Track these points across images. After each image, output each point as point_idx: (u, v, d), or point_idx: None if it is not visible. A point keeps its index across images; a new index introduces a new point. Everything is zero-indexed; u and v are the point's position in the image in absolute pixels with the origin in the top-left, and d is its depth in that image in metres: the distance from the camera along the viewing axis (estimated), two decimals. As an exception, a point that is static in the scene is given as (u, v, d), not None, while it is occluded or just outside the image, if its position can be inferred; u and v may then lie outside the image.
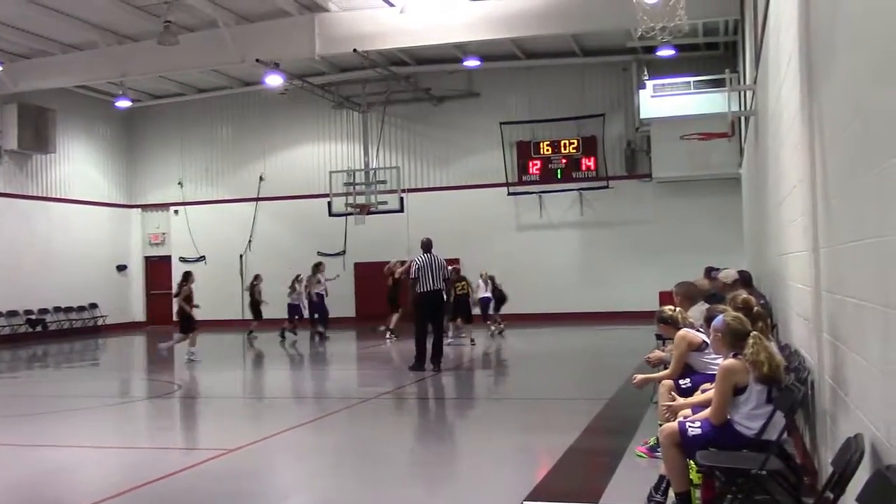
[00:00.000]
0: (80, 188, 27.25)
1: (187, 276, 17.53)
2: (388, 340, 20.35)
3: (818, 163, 4.85)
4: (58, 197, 26.31)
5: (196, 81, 27.18)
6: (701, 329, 6.80)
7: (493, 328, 21.10)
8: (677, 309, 7.36)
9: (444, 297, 14.72)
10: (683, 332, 6.93)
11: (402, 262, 20.94)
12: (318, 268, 21.70)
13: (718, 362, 5.68)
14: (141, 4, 19.74)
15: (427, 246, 14.48)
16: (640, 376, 7.33)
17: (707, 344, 6.42)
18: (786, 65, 6.76)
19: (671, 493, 5.44)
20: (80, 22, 20.77)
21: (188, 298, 16.98)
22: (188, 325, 16.97)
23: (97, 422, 10.76)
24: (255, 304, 22.10)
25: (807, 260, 5.39)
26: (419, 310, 14.36)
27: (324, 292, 21.50)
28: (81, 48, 22.64)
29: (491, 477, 7.10)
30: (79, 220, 26.92)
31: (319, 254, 26.52)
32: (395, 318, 20.77)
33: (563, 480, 7.03)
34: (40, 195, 25.69)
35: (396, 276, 20.53)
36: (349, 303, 26.41)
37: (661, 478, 5.74)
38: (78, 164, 27.27)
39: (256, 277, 22.61)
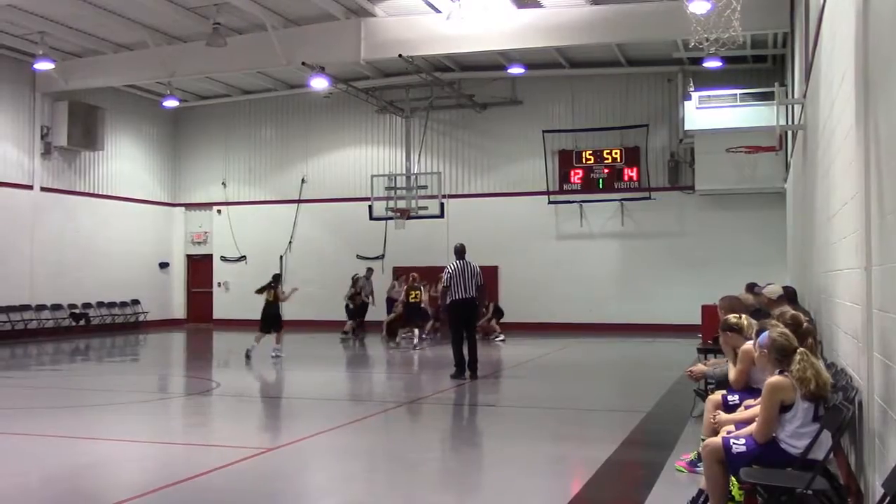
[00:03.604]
0: (126, 186, 27.65)
1: (279, 278, 18.43)
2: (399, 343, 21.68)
3: (873, 179, 4.78)
4: (104, 194, 26.69)
5: (242, 83, 27.48)
6: (755, 344, 6.68)
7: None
8: (744, 316, 7.14)
9: (478, 304, 14.50)
10: (748, 346, 6.73)
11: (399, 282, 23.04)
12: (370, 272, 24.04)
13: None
14: (191, 6, 20.00)
15: (460, 252, 14.29)
16: (699, 366, 7.82)
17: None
18: (839, 80, 6.67)
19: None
20: (131, 22, 21.10)
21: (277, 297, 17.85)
22: (278, 324, 17.67)
23: (135, 417, 10.91)
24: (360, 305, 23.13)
25: (858, 277, 5.29)
26: (452, 318, 14.23)
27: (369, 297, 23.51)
28: (132, 48, 23.01)
29: (525, 487, 7.05)
30: (123, 216, 27.31)
31: (359, 257, 26.69)
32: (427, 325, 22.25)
33: (599, 493, 6.97)
34: (87, 191, 26.07)
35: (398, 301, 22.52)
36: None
37: (700, 492, 5.69)
38: (124, 162, 27.66)
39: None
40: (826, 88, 8.27)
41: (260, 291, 17.88)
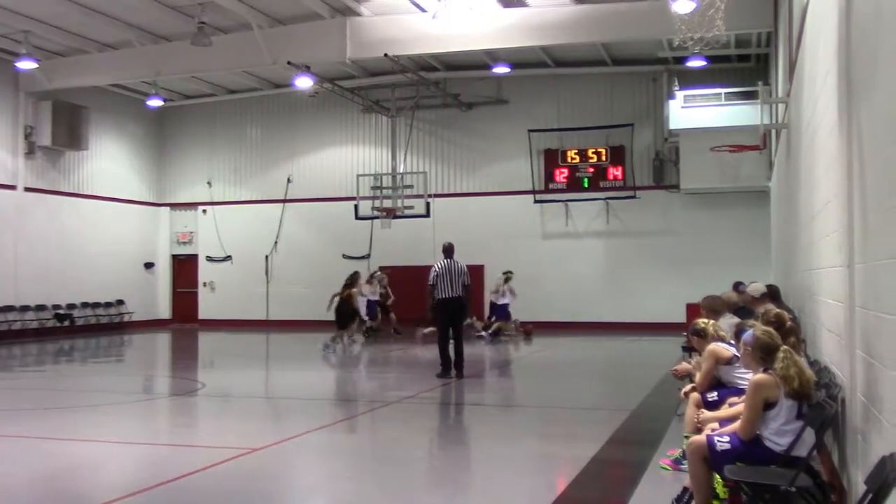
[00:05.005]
0: (111, 185, 27.49)
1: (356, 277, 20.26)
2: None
3: (856, 178, 4.81)
4: (88, 194, 26.53)
5: (227, 82, 27.38)
6: (733, 342, 6.76)
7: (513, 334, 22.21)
8: (710, 322, 7.30)
9: (465, 303, 14.48)
10: (712, 346, 6.90)
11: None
12: (372, 276, 23.44)
13: (748, 376, 5.64)
14: (175, 5, 19.91)
15: (448, 251, 14.29)
16: (683, 365, 7.95)
17: (737, 358, 6.38)
18: (822, 79, 6.71)
19: (694, 506, 5.40)
20: (116, 21, 20.98)
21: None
22: (355, 319, 19.79)
23: (120, 418, 10.83)
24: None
25: (841, 275, 5.33)
26: (439, 317, 14.24)
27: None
28: (116, 47, 22.88)
29: (511, 486, 7.07)
30: (108, 217, 27.14)
31: (345, 257, 26.65)
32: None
33: (585, 491, 6.98)
34: (71, 191, 25.91)
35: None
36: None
37: (685, 489, 5.71)
38: (109, 162, 27.51)
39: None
40: (809, 87, 8.32)
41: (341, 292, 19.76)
